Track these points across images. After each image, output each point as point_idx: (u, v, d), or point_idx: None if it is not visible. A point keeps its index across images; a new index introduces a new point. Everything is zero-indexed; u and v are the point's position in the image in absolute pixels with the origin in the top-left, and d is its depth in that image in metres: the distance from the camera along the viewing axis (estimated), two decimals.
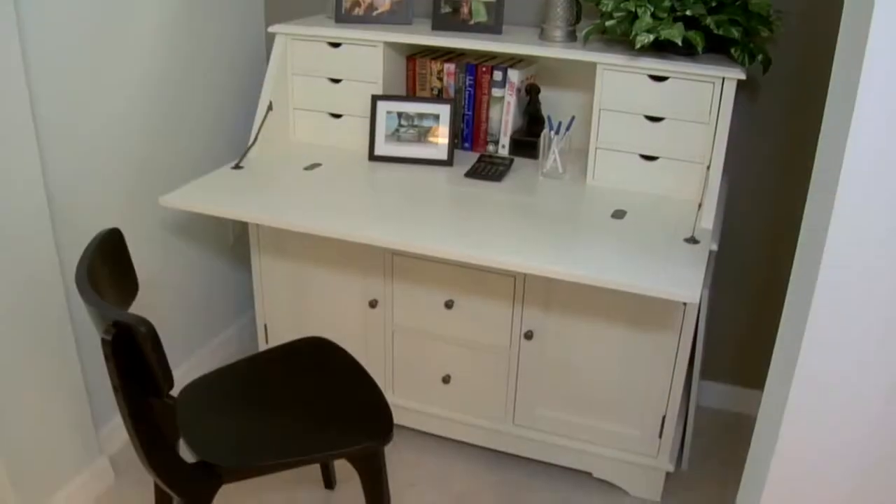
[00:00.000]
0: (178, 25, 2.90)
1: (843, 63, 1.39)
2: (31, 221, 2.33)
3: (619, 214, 2.45)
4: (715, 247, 2.36)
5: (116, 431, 2.89)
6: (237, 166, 2.77)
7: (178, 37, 2.91)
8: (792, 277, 1.53)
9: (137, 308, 1.92)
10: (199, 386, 2.24)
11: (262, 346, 3.08)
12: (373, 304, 2.79)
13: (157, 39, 2.82)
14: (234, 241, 3.43)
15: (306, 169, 2.77)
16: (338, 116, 2.98)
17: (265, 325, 3.05)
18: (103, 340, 1.60)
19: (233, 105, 3.28)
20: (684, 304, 2.39)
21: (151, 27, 2.78)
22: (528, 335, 2.61)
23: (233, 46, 3.24)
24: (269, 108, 2.91)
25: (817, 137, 1.45)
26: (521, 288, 2.56)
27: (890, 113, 1.28)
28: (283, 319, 3.01)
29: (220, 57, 3.16)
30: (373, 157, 2.86)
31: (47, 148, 2.41)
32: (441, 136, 2.83)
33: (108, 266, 1.97)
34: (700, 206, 2.44)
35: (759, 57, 2.50)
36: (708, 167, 2.46)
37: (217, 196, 2.54)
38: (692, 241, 2.28)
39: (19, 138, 2.26)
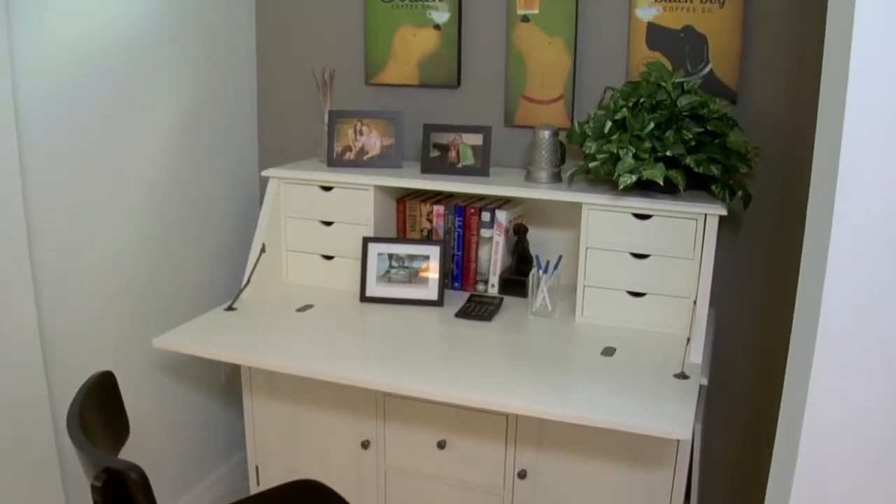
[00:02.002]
0: (173, 168, 2.99)
1: (817, 199, 1.44)
2: (22, 360, 2.34)
3: (608, 351, 2.47)
4: (705, 381, 2.37)
5: None
6: (230, 307, 2.80)
7: (172, 179, 2.99)
8: (781, 413, 1.55)
9: (128, 449, 1.91)
10: None
11: (254, 488, 3.03)
12: (365, 444, 2.77)
13: (153, 181, 2.90)
14: (225, 381, 3.43)
15: (298, 310, 2.80)
16: (330, 258, 3.03)
17: (256, 467, 3.01)
18: (93, 487, 1.59)
19: (226, 246, 3.34)
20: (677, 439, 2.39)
21: (147, 169, 2.87)
22: (522, 474, 2.59)
23: (227, 189, 3.32)
24: (263, 249, 2.96)
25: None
26: (513, 427, 2.55)
27: (863, 246, 1.32)
28: (274, 460, 2.97)
29: (214, 199, 3.24)
30: (364, 298, 2.89)
31: (42, 286, 2.45)
32: (431, 277, 2.87)
33: (99, 410, 1.97)
34: (688, 340, 2.46)
35: (740, 193, 2.57)
36: (695, 302, 2.50)
37: (210, 338, 2.55)
38: (682, 376, 2.29)
39: (15, 275, 2.29)
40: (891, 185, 1.33)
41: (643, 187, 2.58)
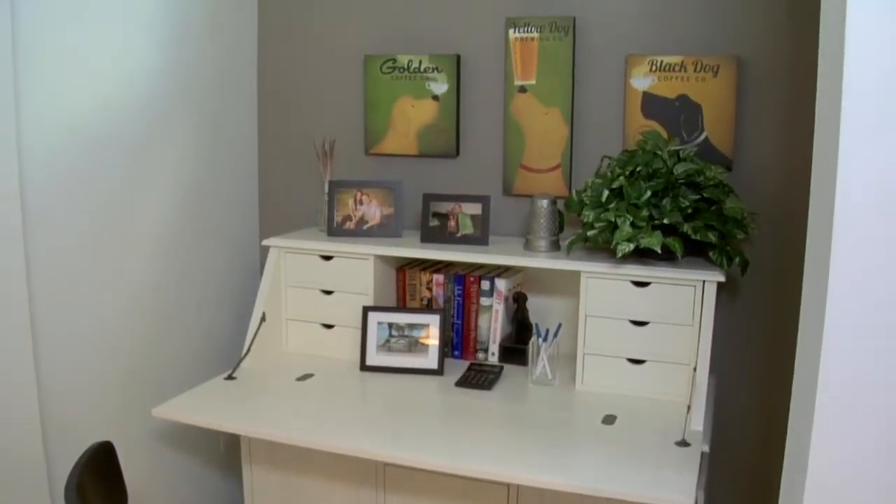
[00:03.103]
0: (174, 236, 3.01)
1: (812, 264, 1.46)
2: (20, 427, 2.33)
3: (609, 420, 2.46)
4: (706, 448, 2.35)
5: None
6: (230, 377, 2.80)
7: (173, 248, 3.01)
8: (783, 479, 1.54)
9: None
10: None
11: None
12: None
13: (154, 250, 2.92)
14: (224, 451, 3.40)
15: (299, 379, 2.79)
16: (330, 327, 3.04)
17: None
18: None
19: (227, 315, 3.34)
20: None
21: (149, 238, 2.89)
22: None
23: (228, 258, 3.34)
24: (263, 318, 2.96)
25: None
26: (514, 497, 2.53)
27: (860, 310, 1.33)
28: None
29: (215, 268, 3.25)
30: (364, 367, 2.89)
31: (42, 353, 2.45)
32: (431, 346, 2.87)
33: (98, 480, 1.96)
34: (689, 407, 2.45)
35: (737, 259, 2.59)
36: (695, 368, 2.49)
37: (210, 407, 2.55)
38: (683, 443, 2.28)
39: (15, 341, 2.30)
40: (886, 248, 1.34)
41: (641, 255, 2.60)
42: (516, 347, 2.95)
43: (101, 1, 2.63)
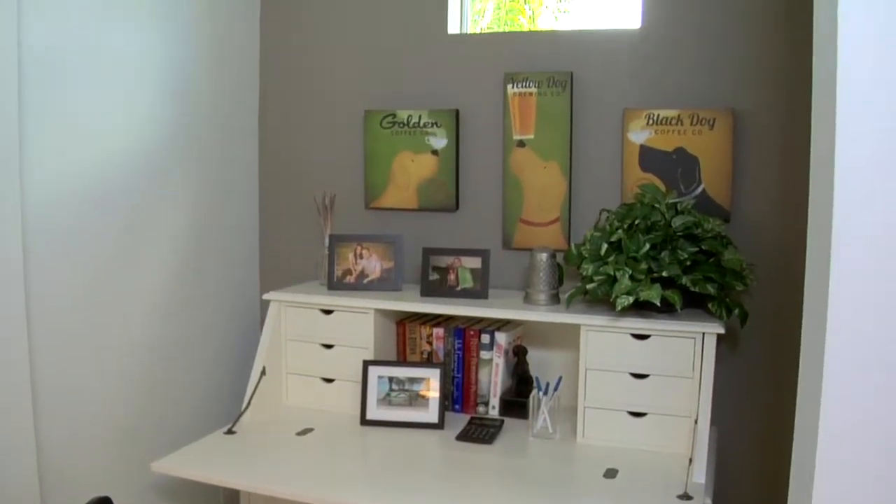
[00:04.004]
0: (174, 290, 3.02)
1: (811, 314, 1.47)
2: (19, 479, 2.32)
3: (611, 474, 2.45)
4: (709, 501, 2.33)
5: None
6: (230, 431, 2.78)
7: (174, 301, 3.02)
8: None
9: None
10: None
11: None
12: None
13: (155, 303, 2.94)
14: None
15: (298, 434, 2.78)
16: (330, 381, 3.03)
17: None
18: None
19: (226, 369, 3.34)
20: None
21: (149, 291, 2.90)
22: None
23: (228, 312, 3.35)
24: (263, 372, 2.96)
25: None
26: None
27: (859, 363, 1.33)
28: None
29: (215, 322, 3.26)
30: (364, 421, 2.88)
31: (41, 406, 2.45)
32: (432, 400, 2.87)
33: None
34: (691, 460, 2.44)
35: (736, 311, 2.59)
36: (696, 421, 2.49)
37: (210, 462, 2.53)
38: (685, 497, 2.26)
39: (15, 394, 2.30)
40: (884, 299, 1.35)
41: (641, 307, 2.60)
42: (517, 401, 2.94)
43: (106, 61, 2.68)
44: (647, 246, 2.55)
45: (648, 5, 2.95)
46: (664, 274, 2.51)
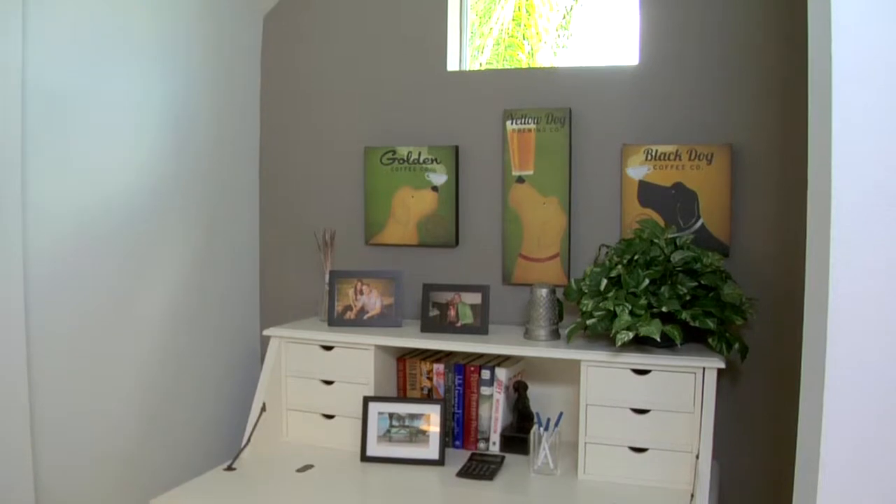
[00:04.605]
0: (174, 326, 3.03)
1: (810, 348, 1.47)
2: None
3: None
4: None
5: None
6: (230, 467, 2.77)
7: (174, 337, 3.03)
8: None
9: None
10: None
11: None
12: None
13: (155, 339, 2.94)
14: None
15: (299, 471, 2.77)
16: (330, 417, 3.02)
17: None
18: None
19: (226, 404, 3.33)
20: None
21: (149, 327, 2.91)
22: None
23: (228, 348, 3.35)
24: (263, 408, 2.95)
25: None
26: None
27: (858, 393, 1.33)
28: None
29: (215, 358, 3.26)
30: (365, 457, 2.86)
31: (40, 440, 2.44)
32: (432, 436, 2.86)
33: None
34: (692, 496, 2.43)
35: (737, 345, 2.59)
36: (697, 456, 2.48)
37: (209, 499, 2.52)
38: None
39: (14, 429, 2.29)
40: (883, 330, 1.36)
41: (641, 342, 2.60)
42: (517, 437, 2.93)
43: (108, 101, 2.71)
44: (647, 281, 2.56)
45: (646, 41, 2.98)
46: (664, 309, 2.52)
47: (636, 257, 2.63)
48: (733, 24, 2.88)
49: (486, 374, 2.95)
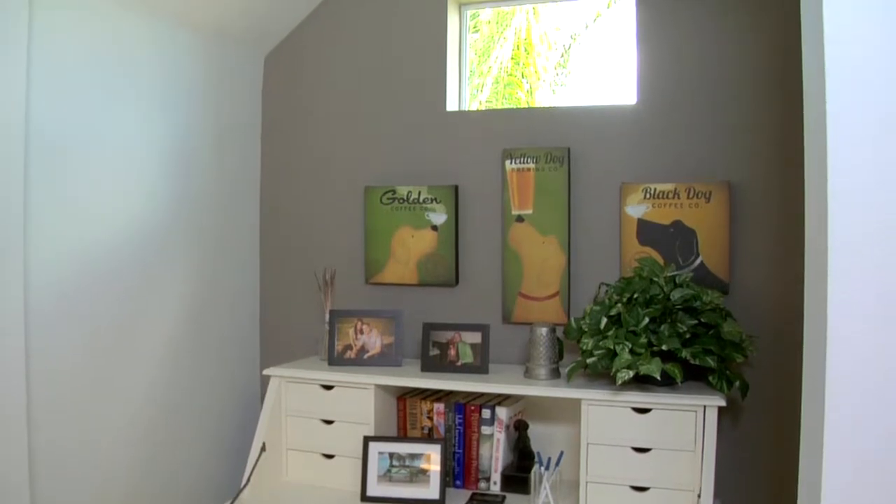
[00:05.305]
0: (174, 365, 3.04)
1: (810, 387, 1.47)
2: None
3: None
4: None
5: None
6: None
7: (174, 376, 3.03)
8: None
9: None
10: None
11: None
12: None
13: (155, 378, 2.95)
14: None
15: None
16: (330, 457, 3.01)
17: None
18: None
19: (226, 444, 3.32)
20: None
21: (149, 366, 2.91)
22: None
23: (228, 387, 3.34)
24: (263, 448, 2.94)
25: None
26: None
27: (858, 433, 1.33)
28: None
29: (215, 397, 3.25)
30: (365, 497, 2.85)
31: (37, 473, 2.44)
32: (433, 476, 2.84)
33: None
34: None
35: (737, 383, 2.58)
36: (699, 495, 2.46)
37: None
38: None
39: (11, 463, 2.29)
40: (880, 373, 1.36)
41: (641, 381, 2.60)
42: (518, 476, 2.92)
43: (110, 144, 2.74)
44: (647, 320, 2.56)
45: (643, 81, 3.00)
46: (664, 347, 2.52)
47: (636, 296, 2.64)
48: (730, 62, 2.91)
49: (486, 413, 2.94)
